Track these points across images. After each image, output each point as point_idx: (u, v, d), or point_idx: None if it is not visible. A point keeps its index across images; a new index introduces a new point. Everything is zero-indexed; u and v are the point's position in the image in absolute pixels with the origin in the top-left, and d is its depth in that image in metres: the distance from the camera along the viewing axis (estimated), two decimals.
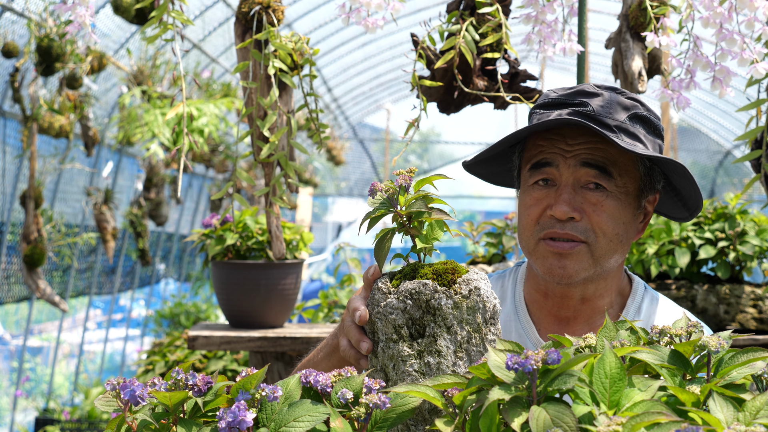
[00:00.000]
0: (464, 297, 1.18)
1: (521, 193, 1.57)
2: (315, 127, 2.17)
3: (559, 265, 1.49)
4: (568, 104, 1.50)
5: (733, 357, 0.97)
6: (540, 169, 1.51)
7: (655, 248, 2.59)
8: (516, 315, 1.63)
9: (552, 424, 0.84)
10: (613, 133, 1.45)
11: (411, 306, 1.19)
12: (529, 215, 1.52)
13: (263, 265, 2.58)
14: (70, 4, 1.91)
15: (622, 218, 1.49)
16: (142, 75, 6.07)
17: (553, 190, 1.50)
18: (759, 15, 1.83)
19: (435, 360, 1.17)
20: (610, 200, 1.48)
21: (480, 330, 1.19)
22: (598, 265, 1.50)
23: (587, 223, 1.48)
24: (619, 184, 1.48)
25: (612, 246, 1.50)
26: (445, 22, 2.13)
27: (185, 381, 1.00)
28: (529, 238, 1.53)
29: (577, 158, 1.47)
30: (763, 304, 2.55)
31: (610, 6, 10.66)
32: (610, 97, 1.49)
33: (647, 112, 1.51)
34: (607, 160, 1.47)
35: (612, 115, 1.47)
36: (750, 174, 14.11)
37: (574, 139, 1.48)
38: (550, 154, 1.50)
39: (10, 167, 6.68)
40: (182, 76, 2.06)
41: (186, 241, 2.93)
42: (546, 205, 1.50)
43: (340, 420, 0.98)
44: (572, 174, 1.48)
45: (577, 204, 1.48)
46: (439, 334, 1.18)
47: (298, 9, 9.82)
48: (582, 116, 1.46)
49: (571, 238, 1.48)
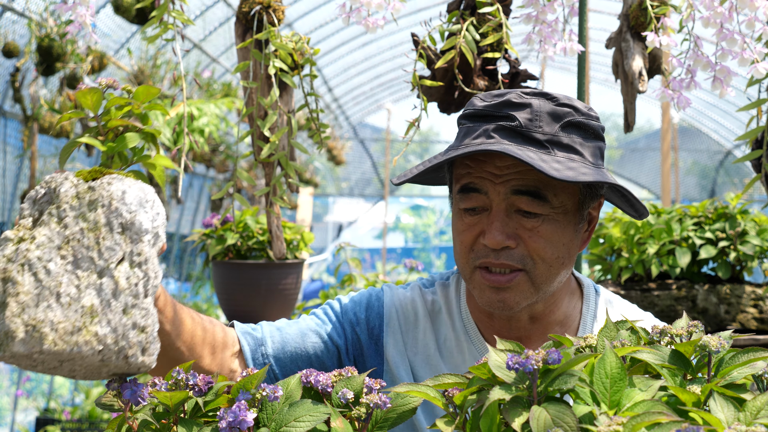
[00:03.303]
0: (90, 189, 1.05)
1: (453, 213, 1.46)
2: (315, 126, 2.17)
3: (497, 299, 1.39)
4: (494, 117, 1.38)
5: (734, 357, 0.97)
6: (468, 194, 1.39)
7: (656, 248, 2.59)
8: (466, 335, 1.52)
9: (553, 423, 0.85)
10: (543, 150, 1.34)
11: (44, 193, 1.08)
12: (461, 242, 1.42)
13: (264, 265, 2.58)
14: (70, 4, 1.91)
15: (561, 240, 1.38)
16: (143, 75, 6.07)
17: (485, 216, 1.39)
18: (759, 15, 1.83)
19: (28, 247, 1.01)
20: (547, 224, 1.37)
21: (97, 231, 1.03)
22: (539, 291, 1.40)
23: (524, 250, 1.37)
24: (556, 204, 1.37)
25: (553, 270, 1.39)
26: (445, 21, 2.13)
27: (186, 381, 1.00)
28: (465, 266, 1.43)
29: (508, 185, 1.36)
30: (764, 304, 2.55)
31: (610, 6, 10.66)
32: (539, 106, 1.37)
33: (582, 117, 1.39)
34: (540, 183, 1.36)
35: (542, 127, 1.35)
36: (750, 174, 14.11)
37: (502, 161, 1.36)
38: (478, 179, 1.38)
39: (10, 167, 6.68)
40: (183, 75, 2.06)
41: (187, 240, 2.93)
42: (478, 232, 1.40)
43: (341, 420, 0.98)
44: (504, 200, 1.37)
45: (511, 230, 1.37)
46: (47, 222, 1.04)
47: (299, 9, 9.83)
48: (508, 133, 1.35)
49: (507, 268, 1.38)
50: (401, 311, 1.54)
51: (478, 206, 1.39)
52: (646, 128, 20.48)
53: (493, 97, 1.39)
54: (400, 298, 1.55)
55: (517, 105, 1.37)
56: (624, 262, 2.64)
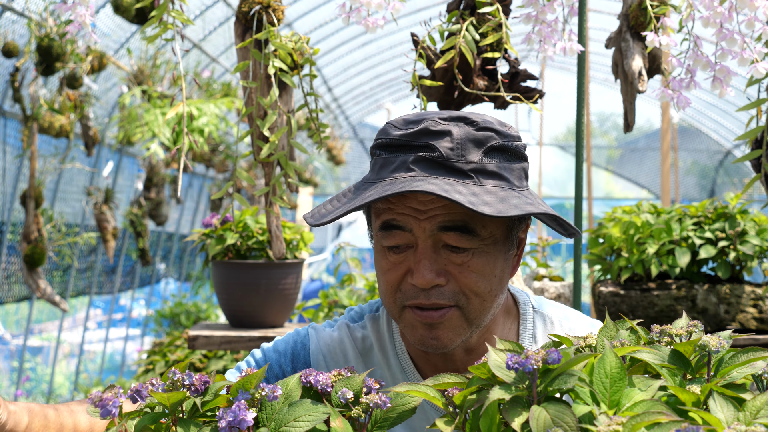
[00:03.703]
0: None
1: (375, 249, 1.35)
2: (315, 126, 2.17)
3: (431, 336, 1.30)
4: (412, 147, 1.27)
5: (734, 357, 0.97)
6: (391, 231, 1.30)
7: (656, 248, 2.59)
8: (403, 372, 1.44)
9: (552, 423, 0.85)
10: (469, 180, 1.25)
11: None
12: (387, 281, 1.32)
13: (263, 265, 2.58)
14: (70, 4, 1.91)
15: (493, 272, 1.31)
16: (143, 75, 6.07)
17: (411, 253, 1.30)
18: (759, 15, 1.83)
19: None
20: (477, 257, 1.29)
21: None
22: (474, 326, 1.32)
23: (455, 286, 1.29)
24: (485, 236, 1.29)
25: (487, 305, 1.32)
26: (445, 21, 2.13)
27: (182, 381, 0.99)
28: (392, 305, 1.33)
29: (433, 221, 1.27)
30: (764, 303, 2.55)
31: (610, 6, 10.66)
32: (460, 133, 1.27)
33: (504, 139, 1.29)
34: (467, 216, 1.27)
35: (464, 156, 1.26)
36: (750, 174, 14.11)
37: (425, 196, 1.27)
38: (401, 215, 1.29)
39: (10, 167, 6.68)
40: (182, 75, 2.06)
41: (186, 240, 2.93)
42: (405, 270, 1.30)
43: (341, 420, 0.98)
44: (430, 237, 1.28)
45: (440, 267, 1.28)
46: None
47: (298, 9, 9.83)
48: (429, 165, 1.25)
49: (438, 306, 1.29)
50: (330, 356, 1.45)
51: (403, 244, 1.30)
52: (645, 128, 20.48)
53: (408, 125, 1.29)
54: (327, 342, 1.46)
55: (435, 133, 1.27)
56: (623, 262, 2.64)
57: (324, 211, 1.33)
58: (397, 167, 1.27)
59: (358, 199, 1.28)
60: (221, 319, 8.03)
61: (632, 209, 2.80)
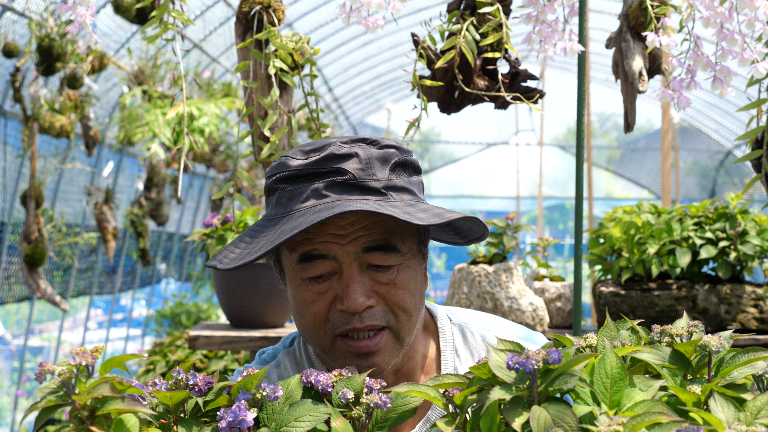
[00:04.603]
0: None
1: (292, 285, 1.32)
2: (316, 126, 2.17)
3: (366, 365, 1.29)
4: (320, 174, 1.27)
5: (734, 357, 0.97)
6: (312, 262, 1.28)
7: (656, 248, 2.59)
8: None
9: (553, 423, 0.85)
10: (383, 197, 1.27)
11: None
12: (314, 314, 1.29)
13: (264, 265, 2.58)
14: (70, 4, 1.91)
15: (416, 286, 1.32)
16: (143, 75, 6.07)
17: (335, 280, 1.29)
18: (759, 15, 1.83)
19: None
20: (402, 273, 1.30)
21: None
22: (404, 344, 1.32)
23: (384, 306, 1.29)
24: (405, 251, 1.30)
25: (413, 320, 1.32)
26: (445, 21, 2.13)
27: (186, 381, 1.00)
28: (322, 337, 1.30)
29: (356, 243, 1.27)
30: (764, 303, 2.55)
31: (610, 6, 10.66)
32: (365, 154, 1.28)
33: (403, 154, 1.32)
34: (389, 234, 1.28)
35: (375, 175, 1.27)
36: (751, 174, 14.11)
37: (344, 220, 1.27)
38: (322, 244, 1.27)
39: (10, 167, 6.68)
40: (183, 75, 2.06)
41: (187, 240, 2.93)
42: (332, 298, 1.29)
43: (341, 420, 0.98)
44: (354, 260, 1.27)
45: (368, 289, 1.28)
46: None
47: (299, 9, 9.83)
48: (342, 188, 1.26)
49: (373, 329, 1.29)
50: None
51: (326, 272, 1.29)
52: (646, 128, 20.48)
53: (309, 154, 1.29)
54: None
55: (342, 157, 1.27)
56: (624, 262, 2.64)
57: (233, 255, 1.29)
58: (309, 196, 1.27)
59: (280, 233, 1.24)
60: (222, 320, 8.03)
61: (633, 209, 2.80)
